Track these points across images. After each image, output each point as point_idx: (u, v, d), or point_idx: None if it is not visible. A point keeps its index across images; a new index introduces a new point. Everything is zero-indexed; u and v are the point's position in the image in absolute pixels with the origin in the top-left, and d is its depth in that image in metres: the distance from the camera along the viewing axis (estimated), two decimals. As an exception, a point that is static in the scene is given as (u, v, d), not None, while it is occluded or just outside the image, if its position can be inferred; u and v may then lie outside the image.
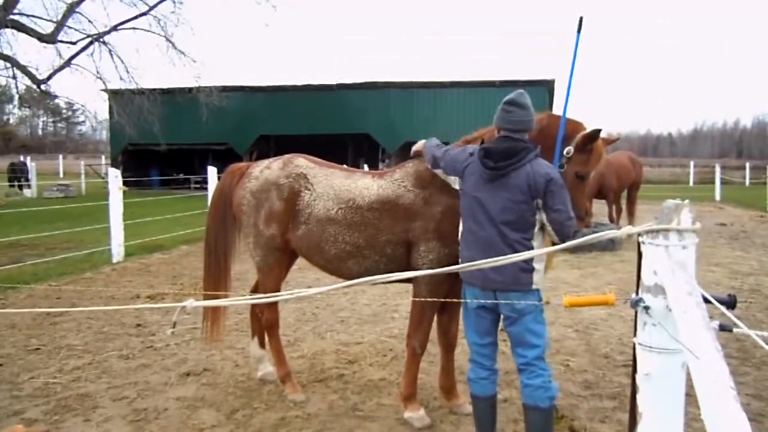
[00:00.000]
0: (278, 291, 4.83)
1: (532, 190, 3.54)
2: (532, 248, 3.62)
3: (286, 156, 4.88)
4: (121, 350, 6.01)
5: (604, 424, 4.40)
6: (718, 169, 28.98)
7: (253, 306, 5.26)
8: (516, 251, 3.52)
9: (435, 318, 4.49)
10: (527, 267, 3.59)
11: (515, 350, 3.72)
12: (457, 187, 3.92)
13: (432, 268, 4.13)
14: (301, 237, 4.52)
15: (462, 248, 3.83)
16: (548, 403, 3.59)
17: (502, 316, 3.75)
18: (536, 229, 3.63)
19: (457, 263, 3.96)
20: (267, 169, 4.73)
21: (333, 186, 4.50)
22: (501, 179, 3.61)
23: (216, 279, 5.02)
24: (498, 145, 3.67)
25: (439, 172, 4.09)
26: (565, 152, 3.92)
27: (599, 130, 3.91)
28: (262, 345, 5.23)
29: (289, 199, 4.54)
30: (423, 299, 4.25)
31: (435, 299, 4.24)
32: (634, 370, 2.03)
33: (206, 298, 4.92)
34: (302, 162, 4.74)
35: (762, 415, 4.50)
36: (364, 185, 4.46)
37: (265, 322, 4.96)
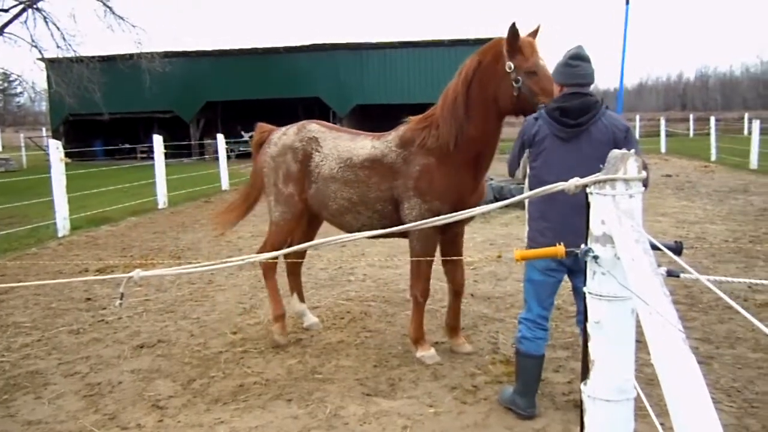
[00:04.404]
0: (283, 246, 5.14)
1: (614, 142, 3.50)
2: None
3: (301, 122, 5.31)
4: (71, 325, 5.86)
5: (558, 374, 4.50)
6: (663, 122, 29.72)
7: (288, 265, 5.74)
8: None
9: (441, 267, 5.04)
10: None
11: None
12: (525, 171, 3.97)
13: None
14: (313, 195, 5.02)
15: (537, 216, 3.77)
16: None
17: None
18: None
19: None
20: (284, 135, 5.21)
21: (337, 147, 4.96)
22: (580, 136, 3.61)
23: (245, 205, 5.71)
24: (571, 102, 3.62)
25: (517, 173, 4.17)
26: (514, 80, 4.14)
27: (512, 25, 4.11)
28: (301, 300, 5.70)
29: (302, 161, 5.02)
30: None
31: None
32: (585, 319, 2.05)
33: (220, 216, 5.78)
34: (315, 127, 5.19)
35: (711, 357, 4.65)
36: (361, 146, 4.87)
37: (262, 266, 5.42)
